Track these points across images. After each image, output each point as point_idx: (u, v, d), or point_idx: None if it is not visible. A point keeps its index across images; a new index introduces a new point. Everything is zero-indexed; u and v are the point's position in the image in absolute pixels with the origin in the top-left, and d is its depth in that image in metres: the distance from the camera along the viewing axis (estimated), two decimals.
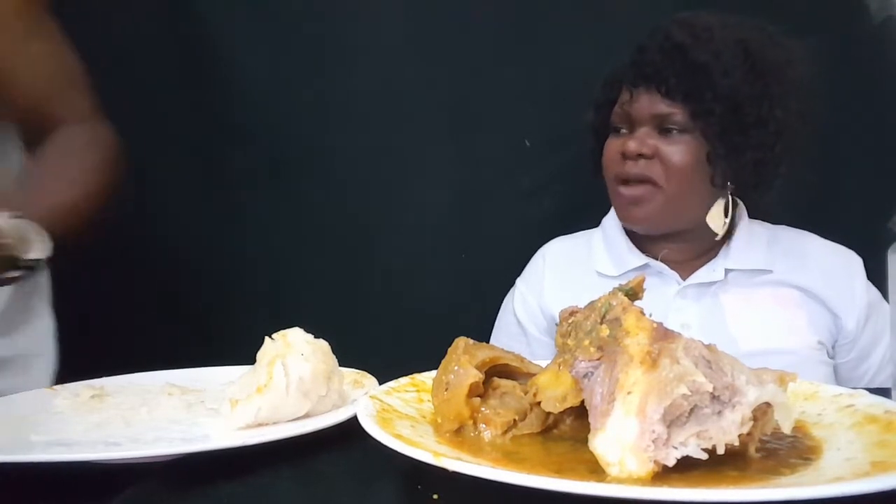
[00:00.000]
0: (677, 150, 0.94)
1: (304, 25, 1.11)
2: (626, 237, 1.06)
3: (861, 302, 0.98)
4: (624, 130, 0.98)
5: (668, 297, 1.00)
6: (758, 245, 1.01)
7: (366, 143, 1.27)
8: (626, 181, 0.97)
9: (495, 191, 1.28)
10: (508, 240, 1.26)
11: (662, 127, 0.95)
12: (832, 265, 1.01)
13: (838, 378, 1.00)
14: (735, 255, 1.00)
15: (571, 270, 1.08)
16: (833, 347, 1.00)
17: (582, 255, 1.09)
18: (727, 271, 1.00)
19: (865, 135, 1.16)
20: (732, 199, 1.00)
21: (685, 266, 1.02)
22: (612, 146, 0.99)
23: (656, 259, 1.02)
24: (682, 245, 1.02)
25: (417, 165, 1.28)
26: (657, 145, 0.94)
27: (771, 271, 1.00)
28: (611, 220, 1.10)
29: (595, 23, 1.18)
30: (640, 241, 1.06)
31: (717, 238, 1.00)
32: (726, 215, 0.99)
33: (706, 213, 0.98)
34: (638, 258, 1.03)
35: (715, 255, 1.02)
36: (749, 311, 0.98)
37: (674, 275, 1.01)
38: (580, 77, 1.10)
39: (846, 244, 1.03)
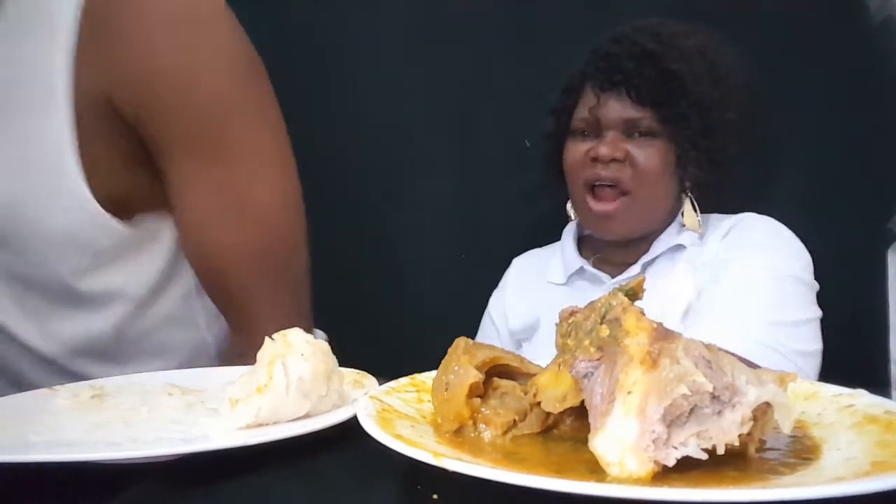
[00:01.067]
0: (647, 154, 0.97)
1: (303, 25, 1.11)
2: (574, 244, 1.11)
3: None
4: (588, 134, 1.00)
5: (598, 294, 1.03)
6: (682, 233, 1.02)
7: (365, 142, 1.27)
8: (594, 190, 0.99)
9: (495, 191, 1.28)
10: (508, 240, 1.26)
11: (630, 131, 0.97)
12: (741, 223, 1.01)
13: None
14: (654, 247, 1.02)
15: (529, 282, 1.13)
16: None
17: (542, 266, 1.14)
18: (645, 265, 1.02)
19: (865, 135, 1.16)
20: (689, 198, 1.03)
21: (619, 267, 1.05)
22: (577, 150, 1.01)
23: (590, 263, 1.07)
24: (622, 248, 1.05)
25: (417, 165, 1.28)
26: (627, 149, 0.96)
27: (684, 246, 1.00)
28: (568, 231, 1.14)
29: (595, 23, 1.18)
30: (587, 245, 1.10)
31: (699, 234, 1.01)
32: (695, 212, 1.02)
33: (668, 215, 1.02)
34: (576, 262, 1.08)
35: (645, 253, 1.04)
36: (659, 290, 0.97)
37: (605, 276, 1.05)
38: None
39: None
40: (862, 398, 0.52)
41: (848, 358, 1.01)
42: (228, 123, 0.63)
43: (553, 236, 1.19)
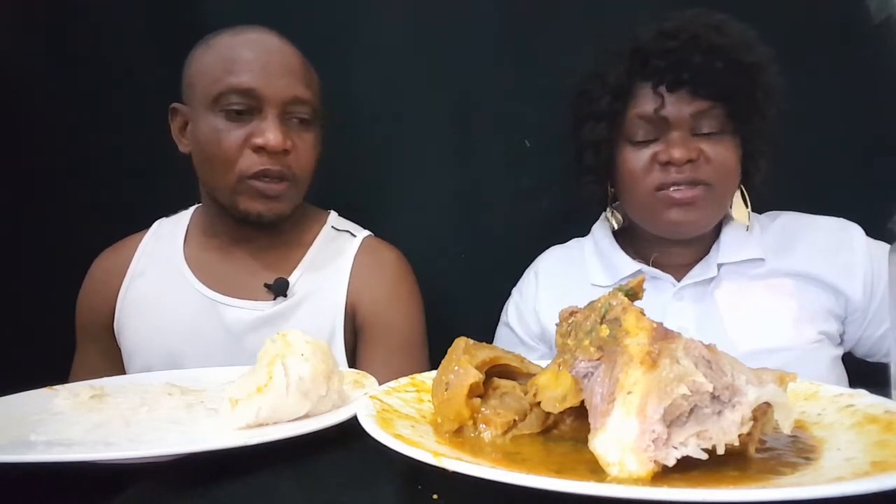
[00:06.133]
0: (720, 150, 0.92)
1: (304, 25, 1.11)
2: (616, 244, 1.06)
3: (863, 269, 0.95)
4: (646, 138, 0.94)
5: (665, 300, 0.99)
6: (749, 235, 1.00)
7: (366, 142, 1.27)
8: (669, 190, 0.93)
9: (495, 191, 1.28)
10: (508, 240, 1.26)
11: (698, 129, 0.92)
12: (825, 240, 0.98)
13: (871, 354, 0.98)
14: (726, 248, 0.99)
15: (565, 283, 1.08)
16: (844, 324, 0.97)
17: (575, 266, 1.09)
18: (720, 266, 0.99)
19: (865, 135, 1.16)
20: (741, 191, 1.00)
21: (679, 268, 1.01)
22: (640, 155, 0.95)
23: (647, 264, 1.02)
24: (682, 248, 1.01)
25: (417, 165, 1.28)
26: (700, 147, 0.91)
27: (763, 260, 0.98)
28: (600, 229, 1.09)
29: (595, 23, 1.17)
30: (631, 246, 1.05)
31: (747, 229, 0.99)
32: (746, 206, 0.99)
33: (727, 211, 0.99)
34: (630, 265, 1.03)
35: (707, 253, 1.01)
36: (744, 310, 0.96)
37: (668, 277, 1.00)
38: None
39: None
40: (862, 398, 0.52)
41: (848, 358, 1.01)
42: (403, 329, 1.07)
43: (552, 236, 1.18)
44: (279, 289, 1.00)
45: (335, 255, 1.07)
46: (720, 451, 0.40)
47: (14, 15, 1.18)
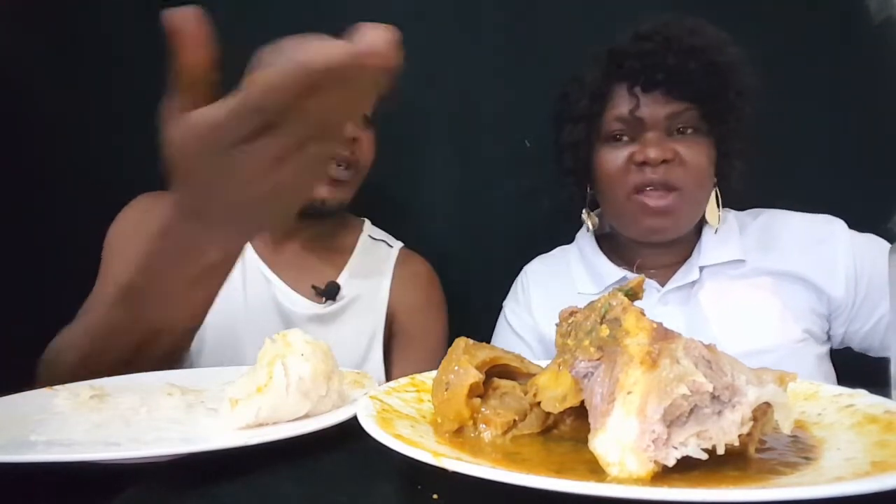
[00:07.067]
0: (694, 152, 0.94)
1: (305, 25, 1.11)
2: (600, 251, 1.07)
3: (844, 265, 0.95)
4: (623, 138, 0.96)
5: (651, 305, 0.99)
6: (729, 235, 1.00)
7: None
8: (642, 191, 0.94)
9: (495, 191, 1.28)
10: (508, 240, 1.26)
11: (671, 129, 0.94)
12: (806, 237, 0.98)
13: (865, 349, 0.98)
14: (706, 251, 1.00)
15: (554, 290, 1.09)
16: (829, 321, 0.97)
17: (561, 274, 1.10)
18: (702, 269, 0.99)
19: (865, 135, 1.16)
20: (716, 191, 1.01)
21: (663, 272, 1.02)
22: (616, 156, 0.96)
23: (632, 270, 1.03)
24: (664, 250, 1.01)
25: (417, 165, 1.28)
26: (675, 148, 0.93)
27: (744, 261, 0.98)
28: (584, 236, 1.10)
29: (596, 24, 1.18)
30: (615, 252, 1.06)
31: (715, 231, 1.00)
32: (718, 207, 1.00)
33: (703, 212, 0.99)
34: (615, 272, 1.03)
35: (689, 256, 1.01)
36: (728, 311, 0.96)
37: (652, 283, 1.00)
38: None
39: None
40: (862, 398, 0.52)
41: (848, 358, 1.01)
42: (438, 334, 1.17)
43: (553, 236, 1.19)
44: (330, 293, 1.07)
45: (377, 264, 1.17)
46: (720, 451, 0.40)
47: (14, 15, 1.18)
